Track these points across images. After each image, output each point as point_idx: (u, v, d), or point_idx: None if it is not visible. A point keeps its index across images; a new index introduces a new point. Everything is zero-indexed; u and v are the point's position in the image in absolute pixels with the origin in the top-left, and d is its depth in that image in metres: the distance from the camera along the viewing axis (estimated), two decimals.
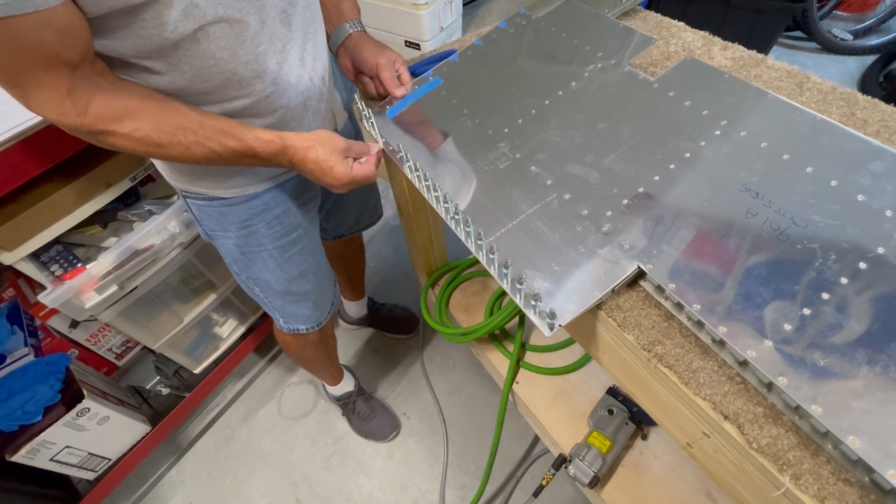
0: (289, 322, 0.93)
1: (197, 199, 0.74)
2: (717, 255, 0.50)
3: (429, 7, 1.97)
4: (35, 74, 0.46)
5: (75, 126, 0.50)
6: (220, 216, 0.75)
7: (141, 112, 0.52)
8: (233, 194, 0.72)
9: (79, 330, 1.22)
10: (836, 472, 0.40)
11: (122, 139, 0.53)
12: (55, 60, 0.46)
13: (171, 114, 0.54)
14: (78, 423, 1.05)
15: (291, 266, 0.83)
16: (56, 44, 0.45)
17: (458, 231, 0.62)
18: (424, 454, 1.31)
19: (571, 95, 0.71)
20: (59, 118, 0.49)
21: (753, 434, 0.42)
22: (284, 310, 0.90)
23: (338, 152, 0.63)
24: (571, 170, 0.63)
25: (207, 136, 0.56)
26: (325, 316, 0.97)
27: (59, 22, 0.44)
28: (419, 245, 1.12)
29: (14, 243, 0.85)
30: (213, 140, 0.57)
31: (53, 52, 0.45)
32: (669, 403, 0.50)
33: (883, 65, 2.09)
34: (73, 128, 0.51)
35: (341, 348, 1.42)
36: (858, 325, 0.43)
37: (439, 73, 0.82)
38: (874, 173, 0.51)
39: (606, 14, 0.81)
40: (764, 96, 0.61)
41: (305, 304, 0.91)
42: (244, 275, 0.84)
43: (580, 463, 0.87)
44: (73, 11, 0.45)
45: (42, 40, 0.44)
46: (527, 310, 0.53)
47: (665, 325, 0.50)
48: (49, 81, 0.46)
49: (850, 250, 0.47)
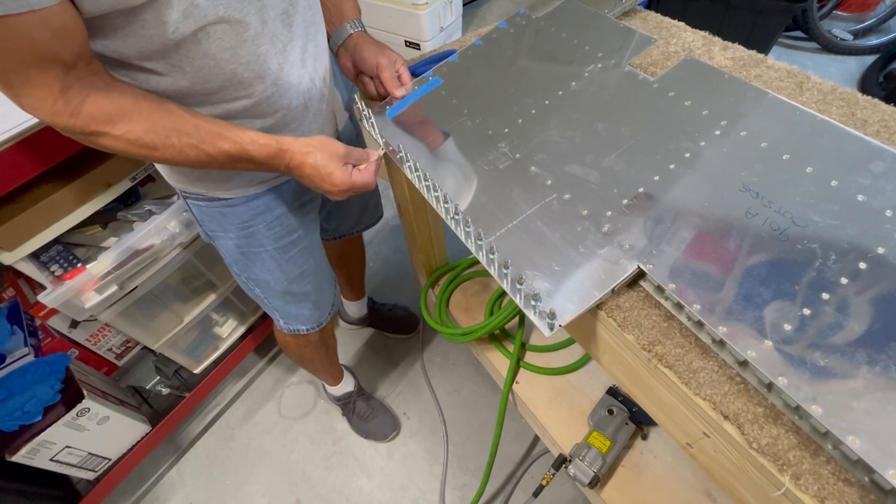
0: (289, 323, 0.93)
1: (197, 199, 0.74)
2: (717, 255, 0.50)
3: (429, 7, 1.97)
4: (28, 73, 0.45)
5: (67, 126, 0.50)
6: (221, 217, 0.75)
7: (134, 113, 0.52)
8: (233, 195, 0.72)
9: (79, 330, 1.22)
10: (836, 472, 0.40)
11: (114, 140, 0.52)
12: (49, 60, 0.45)
13: (164, 115, 0.54)
14: (78, 423, 1.05)
15: (292, 266, 0.83)
16: (51, 43, 0.44)
17: (458, 231, 0.62)
18: (424, 454, 1.31)
19: (571, 95, 0.71)
20: (52, 118, 0.49)
21: (753, 434, 0.42)
22: (285, 310, 0.90)
23: (337, 158, 0.62)
24: (571, 170, 0.63)
25: (202, 139, 0.55)
26: (326, 317, 0.97)
27: (55, 21, 0.44)
28: (419, 245, 1.12)
29: (14, 243, 0.85)
30: (208, 143, 0.56)
31: (48, 52, 0.45)
32: (669, 403, 0.50)
33: (883, 65, 2.09)
34: (65, 128, 0.50)
35: (341, 348, 1.42)
36: (858, 325, 0.43)
37: (439, 73, 0.82)
38: (874, 173, 0.51)
39: (606, 14, 0.81)
40: (764, 96, 0.61)
41: (306, 304, 0.91)
42: (244, 275, 0.84)
43: (580, 463, 0.87)
44: (70, 11, 0.45)
45: (36, 39, 0.43)
46: (527, 310, 0.52)
47: (665, 325, 0.50)
48: (42, 81, 0.46)
49: (850, 250, 0.47)
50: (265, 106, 0.63)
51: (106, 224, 1.04)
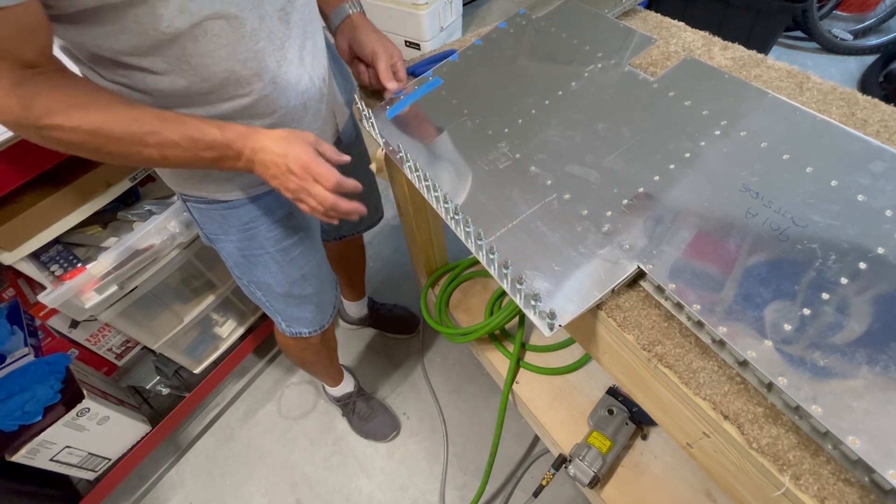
0: (291, 325, 0.92)
1: (198, 202, 0.73)
2: (717, 255, 0.50)
3: (429, 7, 1.97)
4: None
5: (19, 120, 0.47)
6: (221, 219, 0.74)
7: (90, 103, 0.49)
8: (234, 197, 0.71)
9: (79, 330, 1.22)
10: (836, 472, 0.40)
11: (69, 133, 0.49)
12: (6, 56, 0.44)
13: (124, 106, 0.52)
14: (78, 423, 1.05)
15: (293, 268, 0.82)
16: (11, 39, 0.44)
17: (458, 231, 0.62)
18: (424, 454, 1.31)
19: (571, 95, 0.71)
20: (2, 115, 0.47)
21: (753, 434, 0.42)
22: (287, 313, 0.90)
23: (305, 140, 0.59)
24: (571, 170, 0.63)
25: (164, 126, 0.53)
26: (328, 319, 0.96)
27: (22, 20, 0.43)
28: (419, 245, 1.12)
29: (14, 243, 0.85)
30: (169, 128, 0.53)
31: (6, 48, 0.44)
32: (669, 403, 0.50)
33: (883, 65, 2.09)
34: (17, 123, 0.48)
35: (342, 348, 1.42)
36: (858, 325, 0.43)
37: (439, 73, 0.82)
38: (874, 173, 0.51)
39: (606, 14, 0.81)
40: (764, 96, 0.61)
41: (308, 307, 0.90)
42: (246, 278, 0.83)
43: (580, 463, 0.87)
44: (37, 10, 0.44)
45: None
46: (527, 310, 0.52)
47: (665, 326, 0.50)
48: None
49: (850, 250, 0.47)
50: (263, 105, 0.63)
51: (106, 224, 1.04)
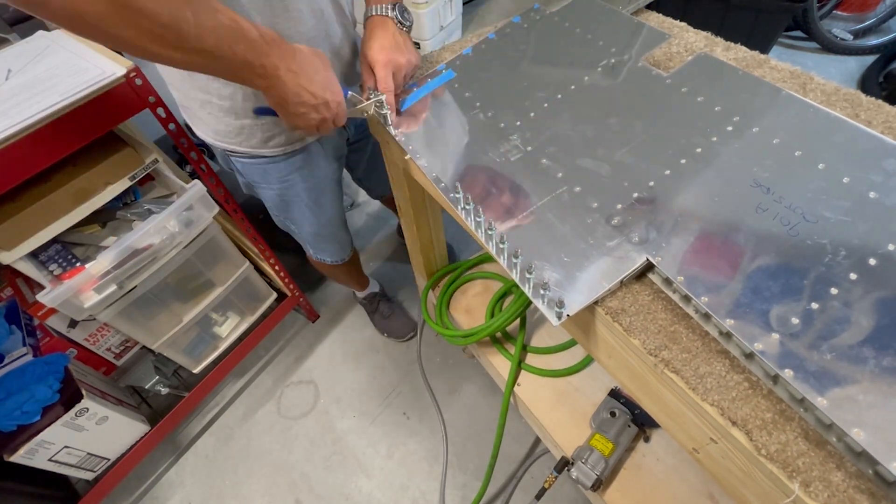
0: (318, 254, 1.17)
1: (241, 157, 0.85)
2: (727, 248, 0.50)
3: (428, 6, 1.96)
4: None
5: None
6: (263, 172, 0.88)
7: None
8: (275, 153, 0.83)
9: (77, 329, 1.22)
10: (847, 479, 0.39)
11: None
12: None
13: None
14: (77, 422, 1.04)
15: (321, 212, 1.01)
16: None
17: (468, 221, 0.61)
18: (424, 454, 1.31)
19: (584, 90, 0.71)
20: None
21: (762, 440, 0.42)
22: (315, 245, 1.13)
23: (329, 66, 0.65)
24: (582, 163, 0.62)
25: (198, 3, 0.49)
26: (348, 254, 1.22)
27: None
28: (419, 246, 1.12)
29: (12, 242, 0.84)
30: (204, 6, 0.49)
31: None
32: (676, 409, 0.50)
33: (883, 65, 2.10)
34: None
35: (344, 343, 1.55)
36: (866, 321, 0.42)
37: (452, 66, 0.81)
38: (887, 171, 0.51)
39: (620, 10, 0.81)
40: (777, 93, 0.61)
41: (331, 243, 1.14)
42: (282, 216, 1.02)
43: (583, 465, 0.87)
44: None
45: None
46: (535, 299, 0.53)
47: (671, 330, 0.50)
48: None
49: (861, 247, 0.47)
50: None
51: (105, 223, 1.03)
